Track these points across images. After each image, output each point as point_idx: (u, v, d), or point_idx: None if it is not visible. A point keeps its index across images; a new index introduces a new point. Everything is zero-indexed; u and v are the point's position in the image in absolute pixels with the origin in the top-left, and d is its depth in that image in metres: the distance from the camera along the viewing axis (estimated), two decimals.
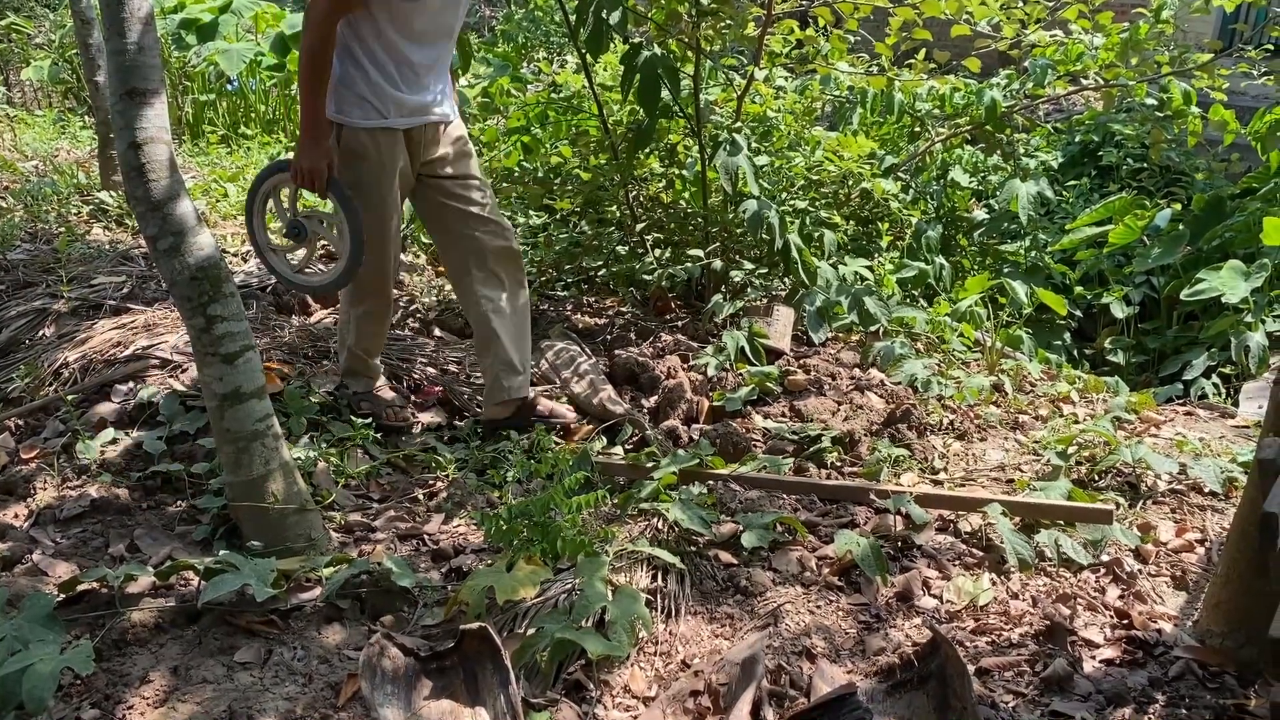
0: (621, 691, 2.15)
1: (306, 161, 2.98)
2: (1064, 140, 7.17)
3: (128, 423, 3.24)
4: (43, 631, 2.05)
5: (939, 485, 3.04)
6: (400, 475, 3.20)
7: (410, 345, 4.02)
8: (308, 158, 2.98)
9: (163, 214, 2.38)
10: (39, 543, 2.65)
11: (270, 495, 2.53)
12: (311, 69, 2.92)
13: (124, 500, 2.84)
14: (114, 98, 2.35)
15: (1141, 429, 3.45)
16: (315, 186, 3.01)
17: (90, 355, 3.57)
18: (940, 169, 6.11)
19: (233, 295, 2.48)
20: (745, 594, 2.49)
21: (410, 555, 2.70)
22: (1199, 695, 2.10)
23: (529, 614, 2.28)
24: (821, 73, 5.67)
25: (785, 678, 2.18)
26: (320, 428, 3.27)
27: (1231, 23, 8.37)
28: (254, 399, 2.51)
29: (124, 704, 2.01)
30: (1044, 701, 2.10)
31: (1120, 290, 5.30)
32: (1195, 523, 2.81)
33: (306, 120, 2.99)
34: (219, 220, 5.45)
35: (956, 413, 3.51)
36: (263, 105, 8.16)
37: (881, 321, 4.11)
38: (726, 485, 2.92)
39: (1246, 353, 4.28)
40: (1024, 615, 2.40)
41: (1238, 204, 5.43)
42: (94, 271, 4.34)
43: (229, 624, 2.27)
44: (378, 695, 1.94)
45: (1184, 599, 2.49)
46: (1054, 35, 5.29)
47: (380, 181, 3.12)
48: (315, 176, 3.00)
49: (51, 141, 7.37)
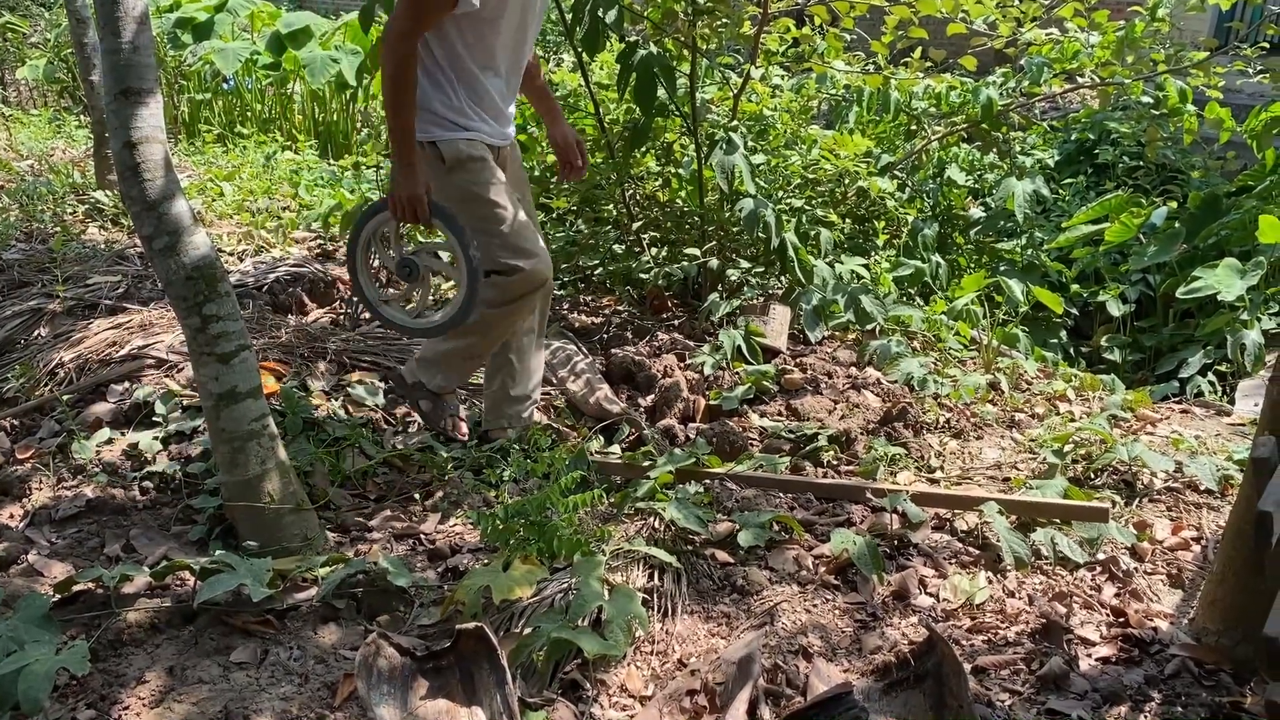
0: (618, 691, 2.15)
1: (406, 189, 2.82)
2: (1060, 138, 7.17)
3: (123, 423, 3.24)
4: (38, 632, 2.05)
5: (935, 484, 3.04)
6: (396, 475, 3.20)
7: (407, 345, 4.01)
8: (406, 185, 2.82)
9: (158, 213, 2.37)
10: (34, 543, 2.64)
11: (266, 495, 2.53)
12: (396, 91, 2.76)
13: (119, 500, 2.84)
14: (109, 97, 2.35)
15: (1137, 427, 3.45)
16: (419, 215, 2.84)
17: (86, 355, 3.57)
18: (936, 167, 6.11)
19: (228, 295, 2.48)
20: (742, 593, 2.49)
21: (406, 555, 2.70)
22: (1195, 693, 2.10)
23: (525, 613, 2.28)
24: (817, 71, 5.68)
25: (782, 676, 2.18)
26: (317, 427, 3.26)
27: (1227, 21, 8.37)
28: (250, 398, 2.51)
29: (120, 704, 2.01)
30: (1040, 700, 2.11)
31: (1116, 288, 5.31)
32: (1191, 521, 2.82)
33: (399, 146, 2.81)
34: (215, 220, 5.45)
35: (953, 411, 3.51)
36: (259, 104, 8.15)
37: (878, 320, 4.11)
38: (723, 484, 2.92)
39: (1242, 350, 4.28)
40: (1020, 614, 2.40)
41: (1233, 202, 5.44)
42: (89, 271, 4.34)
43: (225, 624, 2.26)
44: (374, 695, 1.94)
45: (1180, 597, 2.49)
46: (1050, 33, 5.29)
47: (491, 183, 2.95)
48: (417, 204, 2.83)
49: (47, 141, 7.35)
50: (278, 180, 6.20)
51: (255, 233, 5.23)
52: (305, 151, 7.06)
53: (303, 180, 6.17)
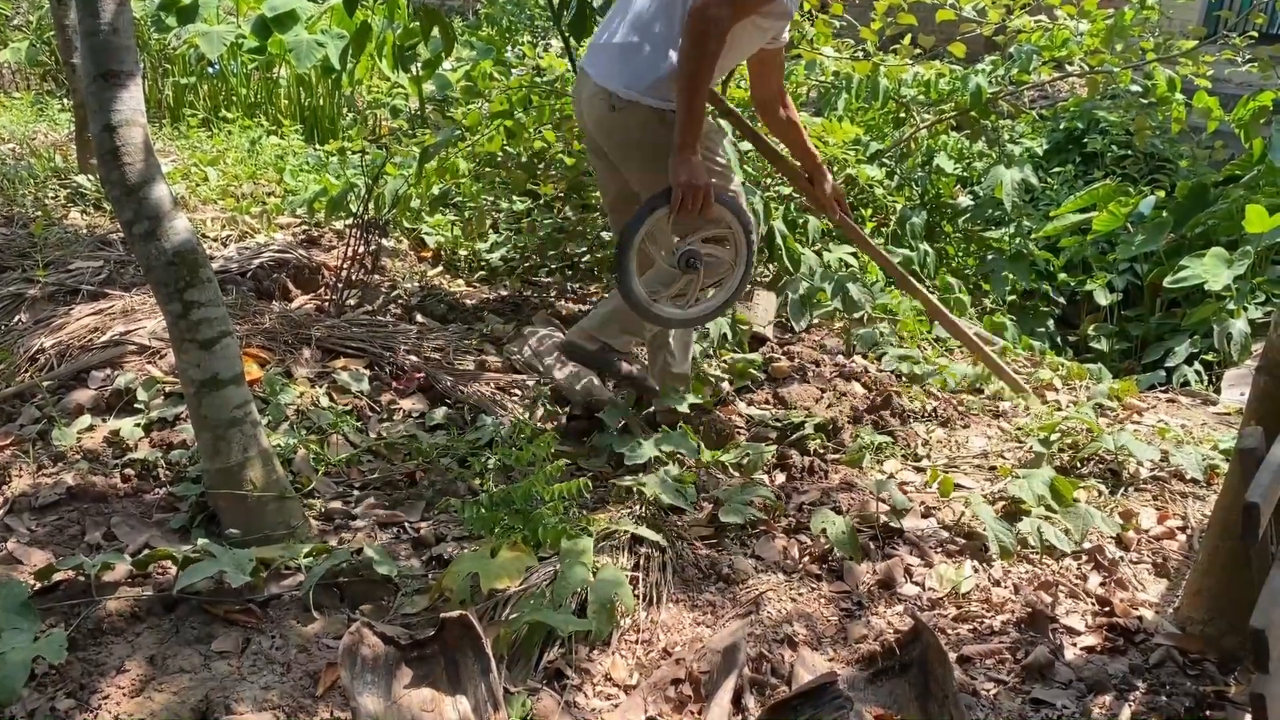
0: (602, 679, 2.14)
1: (696, 177, 2.67)
2: (1049, 127, 7.18)
3: (104, 409, 3.21)
4: (17, 620, 2.03)
5: (921, 472, 3.04)
6: (381, 462, 3.18)
7: (392, 332, 3.99)
8: (695, 172, 2.67)
9: (138, 198, 2.34)
10: (14, 530, 2.62)
11: (249, 483, 2.51)
12: (695, 85, 2.62)
13: (100, 488, 2.81)
14: (88, 80, 2.31)
15: (1124, 416, 3.46)
16: (705, 201, 2.71)
17: (67, 341, 3.53)
18: (925, 155, 6.10)
19: (210, 281, 2.45)
20: (727, 581, 2.49)
21: (390, 543, 2.68)
22: (1179, 683, 2.11)
23: (511, 601, 2.27)
24: (807, 58, 5.65)
25: (767, 665, 2.18)
26: (300, 414, 3.24)
27: (1216, 10, 8.38)
28: (232, 385, 2.48)
29: (99, 693, 1.99)
30: (1025, 689, 2.11)
31: (1104, 277, 5.32)
32: (1177, 510, 2.82)
33: (686, 134, 2.66)
34: (199, 204, 5.40)
35: (939, 400, 3.51)
36: (244, 89, 8.07)
37: (865, 308, 4.10)
38: (708, 471, 2.92)
39: (1229, 340, 4.30)
40: (1006, 603, 2.41)
41: (1221, 191, 5.45)
42: (71, 256, 4.29)
43: (206, 613, 2.24)
44: (357, 684, 1.92)
45: (1165, 586, 2.49)
46: (1039, 21, 5.28)
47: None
48: (704, 190, 2.68)
49: (29, 124, 7.27)
50: (263, 165, 6.15)
51: (239, 218, 5.19)
52: (291, 136, 7.00)
53: (288, 165, 6.12)
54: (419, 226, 5.25)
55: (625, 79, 2.83)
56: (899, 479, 2.98)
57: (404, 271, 4.77)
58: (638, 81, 2.81)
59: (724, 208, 2.84)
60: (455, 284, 4.80)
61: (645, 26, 2.84)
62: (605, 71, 2.88)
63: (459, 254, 5.11)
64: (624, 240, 2.84)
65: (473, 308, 4.42)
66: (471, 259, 5.07)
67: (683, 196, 2.69)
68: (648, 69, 2.81)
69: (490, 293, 4.66)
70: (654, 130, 2.82)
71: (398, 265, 4.83)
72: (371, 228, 4.44)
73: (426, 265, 4.97)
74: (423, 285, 4.60)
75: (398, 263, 4.87)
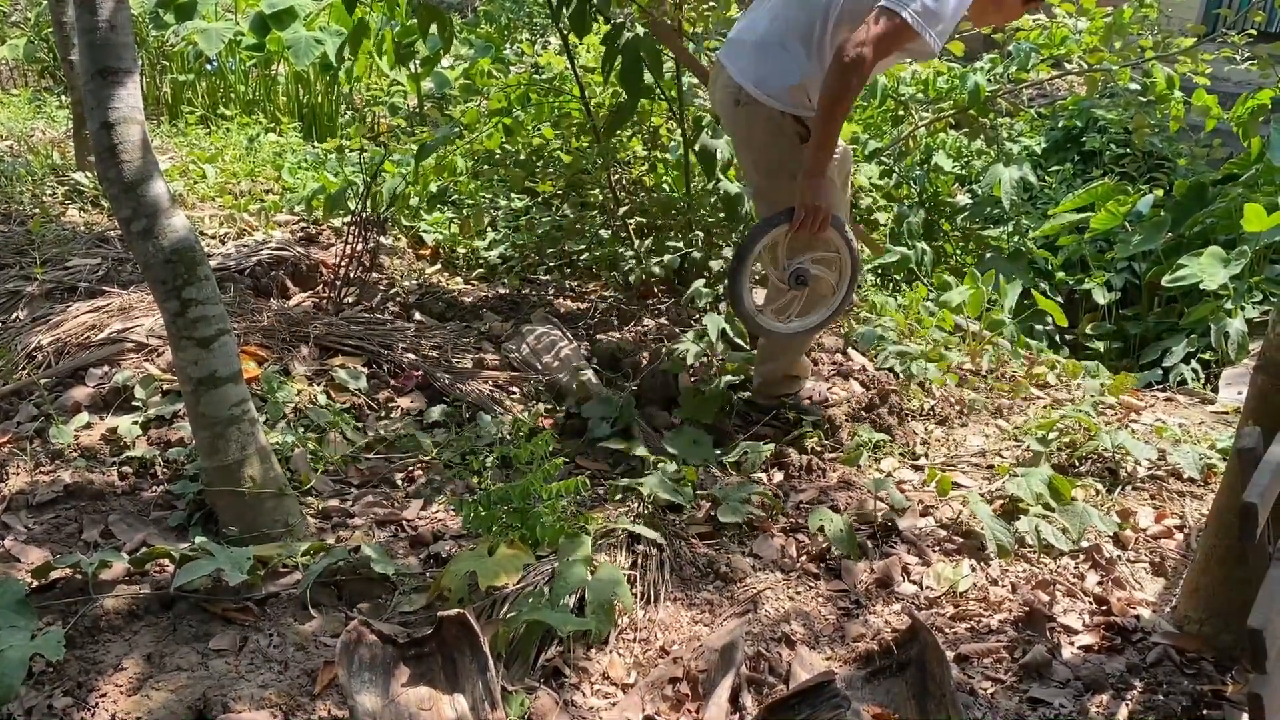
0: (600, 678, 2.14)
1: (823, 199, 2.74)
2: (1047, 125, 7.17)
3: (102, 407, 3.20)
4: (14, 618, 2.03)
5: (919, 471, 3.04)
6: (379, 460, 3.18)
7: (390, 330, 3.98)
8: (821, 196, 2.74)
9: (136, 195, 2.34)
10: (11, 528, 2.61)
11: (247, 480, 2.51)
12: (834, 116, 2.67)
13: (98, 485, 2.81)
14: (86, 77, 2.31)
15: (1122, 415, 3.46)
16: (821, 223, 2.78)
17: (64, 338, 3.53)
18: (924, 154, 6.10)
19: (208, 278, 2.45)
20: (725, 580, 2.49)
21: (388, 541, 2.69)
22: (1177, 681, 2.11)
23: (509, 600, 2.27)
24: None
25: (764, 664, 2.18)
26: (298, 412, 3.24)
27: (1215, 7, 8.38)
28: (230, 383, 2.48)
29: (97, 691, 1.99)
30: (1022, 688, 2.11)
31: (1102, 276, 5.31)
32: (1174, 509, 2.82)
33: (819, 159, 2.73)
34: (197, 202, 5.39)
35: (937, 398, 3.51)
36: (242, 86, 8.06)
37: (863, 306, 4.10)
38: (706, 470, 2.92)
39: (1226, 339, 4.30)
40: (1003, 602, 2.41)
41: (1219, 190, 5.45)
42: (69, 254, 4.28)
43: (204, 611, 2.24)
44: (354, 682, 1.92)
45: (1162, 585, 2.50)
46: (1038, 19, 5.28)
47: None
48: (826, 213, 2.76)
49: (27, 121, 7.26)
50: (261, 163, 6.14)
51: (238, 215, 5.18)
52: (289, 134, 6.99)
53: (286, 163, 6.11)
54: (417, 224, 5.24)
55: (755, 78, 2.90)
56: (897, 477, 2.98)
57: (402, 269, 4.77)
58: (765, 84, 2.89)
59: (835, 232, 2.90)
60: (453, 282, 4.79)
61: (784, 33, 2.87)
62: (739, 67, 2.94)
63: (457, 252, 5.11)
64: (741, 252, 2.92)
65: (471, 305, 4.41)
66: (470, 257, 5.06)
67: (805, 216, 2.76)
68: (778, 75, 2.87)
69: (488, 290, 4.66)
70: (769, 131, 2.91)
71: (396, 263, 4.83)
72: (370, 225, 4.43)
73: (425, 263, 4.96)
74: (421, 283, 4.60)
75: (396, 260, 4.86)
